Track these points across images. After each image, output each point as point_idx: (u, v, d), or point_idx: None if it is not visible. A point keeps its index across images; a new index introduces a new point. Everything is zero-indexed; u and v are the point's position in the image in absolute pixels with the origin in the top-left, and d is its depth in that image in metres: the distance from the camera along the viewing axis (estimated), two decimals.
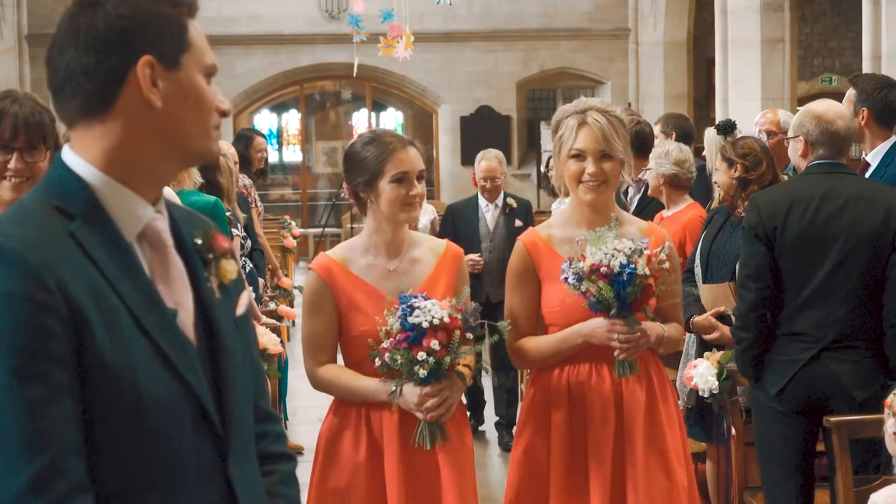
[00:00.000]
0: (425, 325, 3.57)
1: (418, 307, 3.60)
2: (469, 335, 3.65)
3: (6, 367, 1.73)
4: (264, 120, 24.98)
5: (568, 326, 3.99)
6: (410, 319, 3.58)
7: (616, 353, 3.90)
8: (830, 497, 4.32)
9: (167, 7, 1.95)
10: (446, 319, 3.59)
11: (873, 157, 5.64)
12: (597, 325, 3.93)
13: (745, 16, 13.67)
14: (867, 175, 5.54)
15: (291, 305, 9.23)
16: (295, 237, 12.42)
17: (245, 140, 9.43)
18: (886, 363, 4.59)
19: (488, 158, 8.61)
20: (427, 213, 8.83)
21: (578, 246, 3.93)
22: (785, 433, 4.69)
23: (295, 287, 9.60)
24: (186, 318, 1.97)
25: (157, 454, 1.87)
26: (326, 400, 4.00)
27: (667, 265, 3.94)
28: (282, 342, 6.73)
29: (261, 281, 8.11)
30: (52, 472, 1.73)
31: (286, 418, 8.22)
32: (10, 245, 1.77)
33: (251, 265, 7.70)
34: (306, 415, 9.08)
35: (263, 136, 9.82)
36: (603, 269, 3.81)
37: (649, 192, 6.82)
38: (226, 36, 18.72)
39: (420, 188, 3.80)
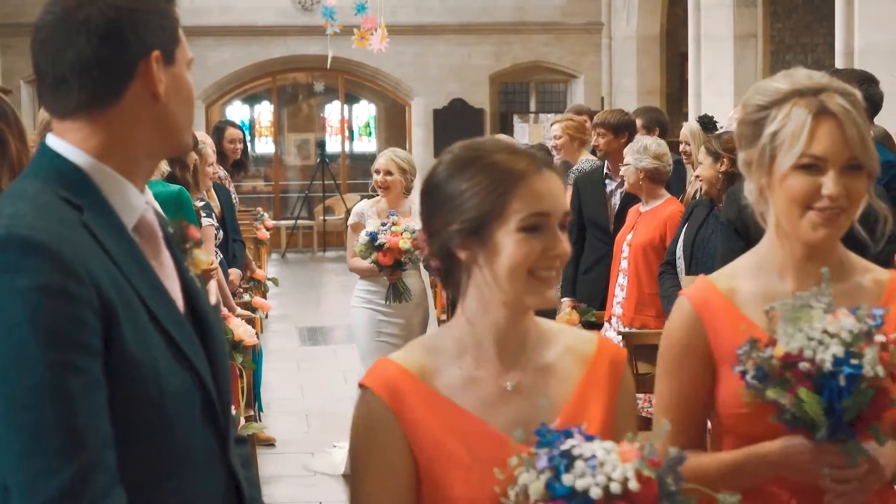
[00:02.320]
0: (596, 493, 1.94)
1: (579, 456, 1.98)
2: None
3: (46, 362, 1.72)
4: (236, 112, 24.89)
5: (755, 437, 2.45)
6: (567, 479, 1.96)
7: (827, 497, 2.40)
8: None
9: (163, 1, 1.97)
10: (633, 485, 1.94)
11: None
12: (793, 450, 2.38)
13: (718, 11, 13.75)
14: None
15: (265, 297, 9.23)
16: (268, 229, 12.40)
17: (218, 132, 9.44)
18: None
19: None
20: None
21: (769, 319, 2.39)
22: None
23: (269, 279, 9.61)
24: (180, 308, 1.99)
25: (172, 444, 1.88)
26: (300, 392, 3.82)
27: None
28: (256, 334, 6.73)
29: (237, 272, 8.08)
30: (92, 468, 1.73)
31: (260, 410, 8.21)
32: (41, 238, 1.76)
33: (221, 256, 7.68)
34: (280, 407, 9.10)
35: (238, 126, 9.79)
36: (803, 366, 2.27)
37: (626, 187, 6.84)
38: (198, 27, 18.62)
39: (566, 243, 2.19)
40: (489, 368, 2.22)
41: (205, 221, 6.81)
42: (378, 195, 7.43)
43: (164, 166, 6.14)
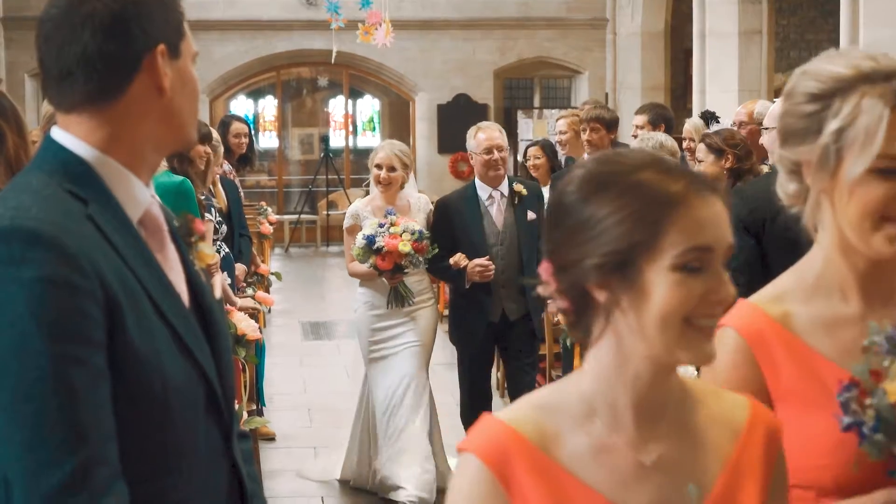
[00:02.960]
0: None
1: None
2: None
3: (49, 355, 1.71)
4: (241, 106, 24.92)
5: (836, 490, 2.07)
6: None
7: None
8: None
9: None
10: None
11: None
12: None
13: (723, 7, 13.73)
14: None
15: (268, 292, 9.23)
16: (271, 223, 12.40)
17: (224, 126, 9.46)
18: None
19: (486, 127, 6.87)
20: (422, 209, 6.96)
21: (866, 354, 1.99)
22: None
23: (272, 273, 9.61)
24: (185, 302, 1.98)
25: (176, 439, 1.88)
26: (302, 387, 3.83)
27: None
28: (259, 328, 6.73)
29: (242, 267, 8.08)
30: (94, 462, 1.73)
31: (263, 404, 8.21)
32: (46, 230, 1.75)
33: (226, 250, 7.69)
34: (282, 402, 9.10)
35: (244, 121, 9.79)
36: None
37: None
38: (203, 21, 18.62)
39: (731, 285, 1.74)
40: (624, 436, 1.78)
41: (205, 216, 6.81)
42: (370, 192, 7.11)
43: (163, 162, 6.14)
